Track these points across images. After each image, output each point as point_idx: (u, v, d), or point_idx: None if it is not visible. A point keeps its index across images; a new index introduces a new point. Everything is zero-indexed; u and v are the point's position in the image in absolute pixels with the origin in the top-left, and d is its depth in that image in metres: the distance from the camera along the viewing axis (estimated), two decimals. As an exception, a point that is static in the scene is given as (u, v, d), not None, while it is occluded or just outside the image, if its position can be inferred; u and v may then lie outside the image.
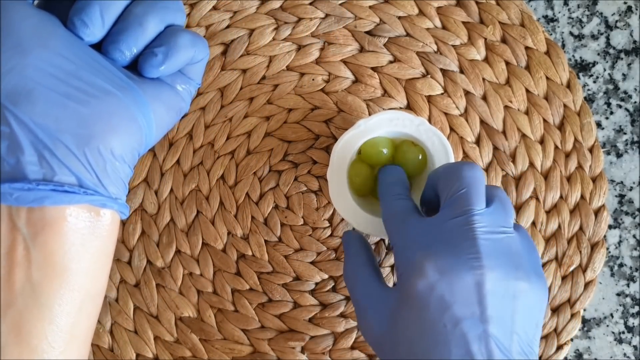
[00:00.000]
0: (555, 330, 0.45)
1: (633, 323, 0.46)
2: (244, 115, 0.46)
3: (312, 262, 0.45)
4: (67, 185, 0.26)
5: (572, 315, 0.45)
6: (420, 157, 0.43)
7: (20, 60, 0.25)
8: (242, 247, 0.45)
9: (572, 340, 0.45)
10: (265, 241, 0.46)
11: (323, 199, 0.46)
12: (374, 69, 0.46)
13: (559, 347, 0.45)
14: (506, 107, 0.46)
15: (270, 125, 0.46)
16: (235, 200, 0.46)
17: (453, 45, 0.46)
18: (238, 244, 0.45)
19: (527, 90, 0.46)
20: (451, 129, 0.46)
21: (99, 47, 0.28)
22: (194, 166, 0.46)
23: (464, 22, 0.46)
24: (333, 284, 0.45)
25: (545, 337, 0.45)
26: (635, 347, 0.46)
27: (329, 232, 0.46)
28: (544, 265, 0.45)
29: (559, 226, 0.45)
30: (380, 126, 0.41)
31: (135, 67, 0.29)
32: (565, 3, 0.47)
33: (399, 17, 0.46)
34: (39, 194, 0.25)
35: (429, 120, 0.46)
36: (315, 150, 0.46)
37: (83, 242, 0.27)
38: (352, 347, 0.45)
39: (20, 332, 0.26)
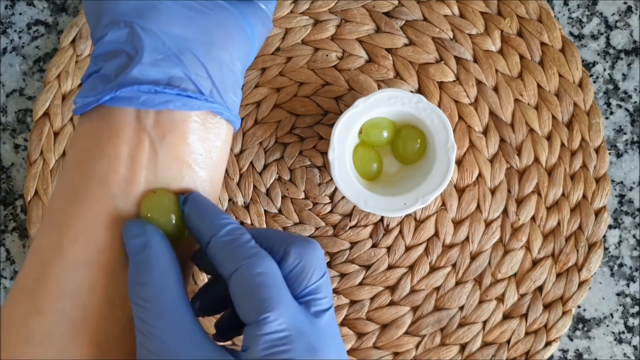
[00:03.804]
0: (545, 326, 0.45)
1: (633, 323, 0.46)
2: (255, 84, 0.46)
3: (310, 237, 0.45)
4: (189, 91, 0.27)
5: (564, 313, 0.45)
6: (418, 144, 0.43)
7: None
8: (241, 215, 0.46)
9: (562, 338, 0.46)
10: (265, 211, 0.46)
11: (326, 174, 0.46)
12: (388, 50, 0.46)
13: (548, 344, 0.45)
14: (516, 100, 0.46)
15: (280, 97, 0.46)
16: (239, 168, 0.46)
17: (469, 34, 0.46)
18: (238, 212, 0.46)
19: (539, 86, 0.46)
20: (460, 117, 0.46)
21: None
22: (201, 131, 0.46)
23: (482, 12, 0.46)
24: (328, 259, 0.46)
25: (535, 332, 0.45)
26: (635, 347, 0.46)
27: (329, 208, 0.46)
28: (540, 260, 0.45)
29: (559, 223, 0.46)
30: (379, 105, 0.41)
31: None
32: (565, 3, 0.47)
33: (418, 2, 0.46)
34: (165, 97, 0.27)
35: (439, 106, 0.46)
36: (322, 126, 0.46)
37: (204, 149, 0.28)
38: (342, 324, 0.45)
39: None
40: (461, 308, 0.45)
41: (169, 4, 0.27)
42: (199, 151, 0.28)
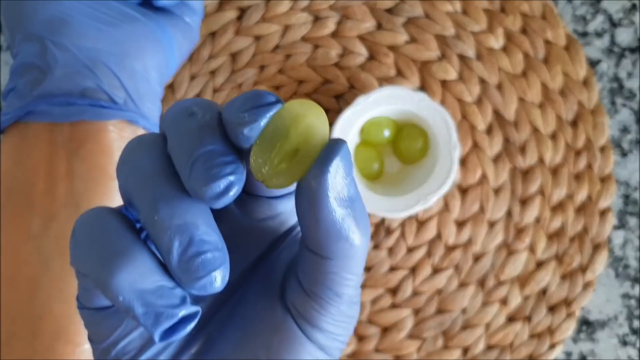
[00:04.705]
0: (549, 328, 0.44)
1: (638, 325, 0.45)
2: (253, 82, 0.45)
3: (310, 238, 0.45)
4: (102, 101, 0.28)
5: (568, 315, 0.44)
6: (421, 143, 0.42)
7: None
8: (240, 215, 0.45)
9: (566, 340, 0.45)
10: (264, 212, 0.45)
11: (326, 174, 0.45)
12: (390, 47, 0.45)
13: (552, 346, 0.44)
14: (520, 99, 0.45)
15: (280, 96, 0.45)
16: (237, 168, 0.45)
17: (472, 32, 0.45)
18: (236, 213, 0.45)
19: (543, 84, 0.45)
20: (463, 116, 0.45)
21: None
22: (199, 130, 0.45)
23: (484, 9, 0.46)
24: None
25: (538, 335, 0.44)
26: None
27: (329, 208, 0.45)
28: (544, 262, 0.45)
29: (563, 224, 0.45)
30: (380, 103, 0.41)
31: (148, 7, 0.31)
32: (569, 0, 0.47)
33: (420, -2, 0.46)
34: (78, 109, 0.27)
35: (442, 105, 0.45)
36: (322, 124, 0.45)
37: None
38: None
39: (63, 245, 0.27)
40: (464, 310, 0.45)
41: (81, 17, 0.28)
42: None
